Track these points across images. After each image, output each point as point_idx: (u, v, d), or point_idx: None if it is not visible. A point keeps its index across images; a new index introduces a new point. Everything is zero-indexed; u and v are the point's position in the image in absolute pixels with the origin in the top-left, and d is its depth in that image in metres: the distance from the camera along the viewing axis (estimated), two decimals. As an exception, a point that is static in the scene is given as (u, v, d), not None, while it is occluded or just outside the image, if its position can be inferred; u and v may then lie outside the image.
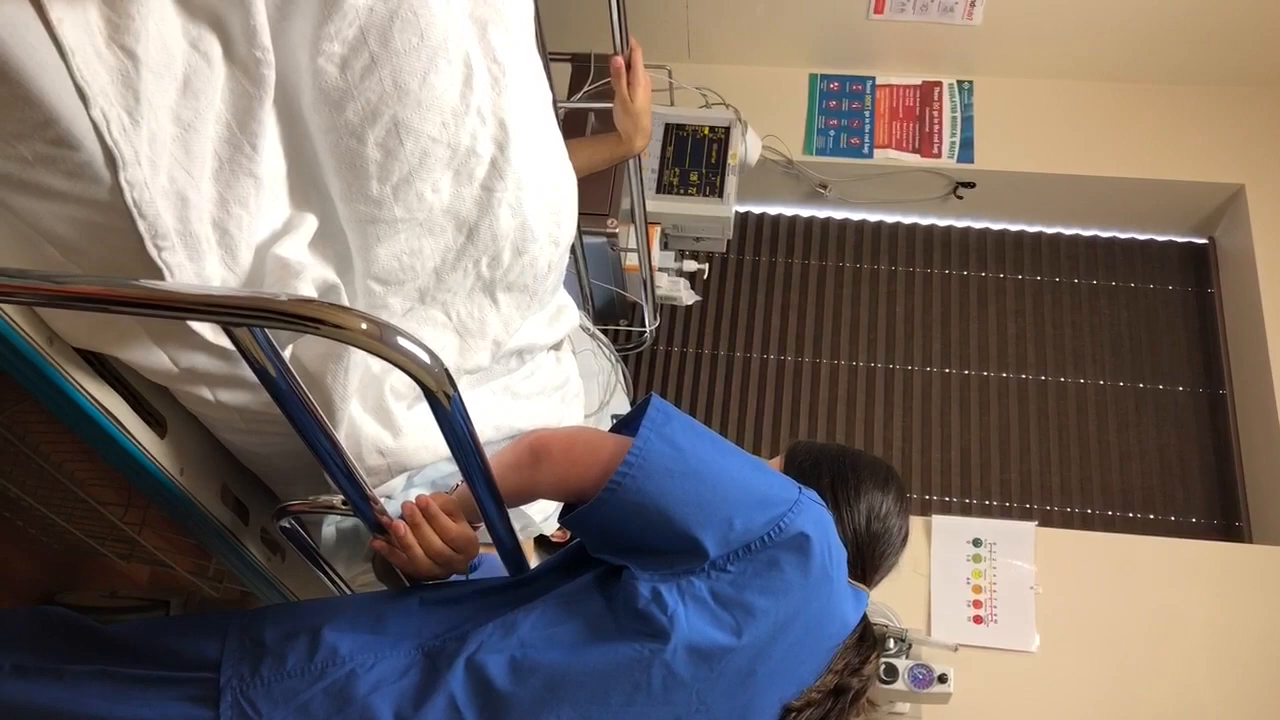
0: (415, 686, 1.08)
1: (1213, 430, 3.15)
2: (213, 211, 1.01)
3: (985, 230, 3.50)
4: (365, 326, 0.86)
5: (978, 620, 2.66)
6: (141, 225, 0.91)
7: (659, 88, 2.96)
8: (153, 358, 1.07)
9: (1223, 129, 3.29)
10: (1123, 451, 3.13)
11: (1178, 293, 3.36)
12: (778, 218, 3.57)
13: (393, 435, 1.30)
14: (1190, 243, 3.44)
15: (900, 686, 2.24)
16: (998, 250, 3.47)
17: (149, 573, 2.06)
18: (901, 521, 1.29)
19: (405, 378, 1.19)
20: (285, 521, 1.31)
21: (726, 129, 3.07)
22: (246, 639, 1.14)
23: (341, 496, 1.16)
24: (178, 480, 1.23)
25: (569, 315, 1.66)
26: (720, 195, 3.00)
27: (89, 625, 1.21)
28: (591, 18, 2.22)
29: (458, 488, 1.29)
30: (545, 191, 1.35)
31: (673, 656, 1.07)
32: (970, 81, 3.46)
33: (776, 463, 1.32)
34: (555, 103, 1.50)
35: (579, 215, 1.51)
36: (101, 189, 0.88)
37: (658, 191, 3.01)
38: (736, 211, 3.13)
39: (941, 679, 2.24)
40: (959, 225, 3.52)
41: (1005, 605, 2.67)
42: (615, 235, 2.66)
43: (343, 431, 1.22)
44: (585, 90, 2.87)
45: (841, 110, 3.48)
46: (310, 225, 1.15)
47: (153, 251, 0.93)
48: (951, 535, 2.77)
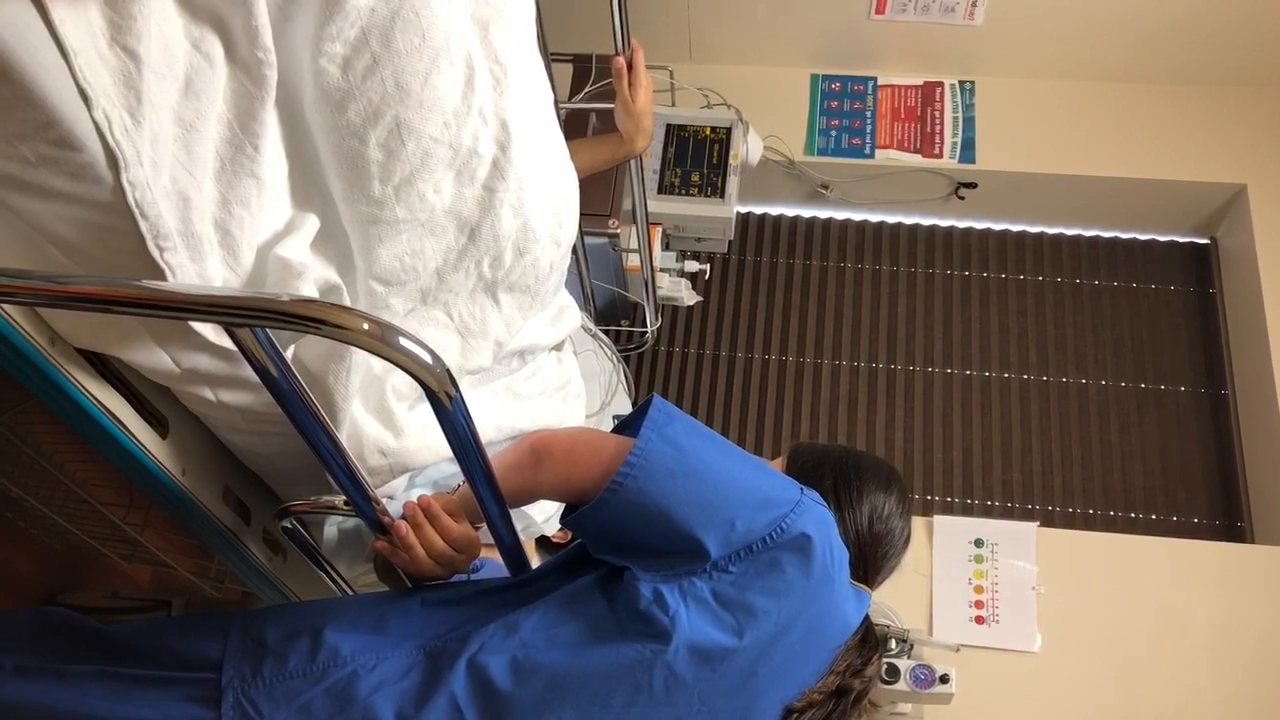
0: (417, 687, 1.08)
1: (1214, 430, 3.15)
2: (214, 212, 1.01)
3: (987, 230, 3.50)
4: (367, 327, 0.86)
5: (979, 620, 2.66)
6: (143, 226, 0.91)
7: (660, 88, 2.95)
8: (155, 358, 1.07)
9: (1224, 129, 3.29)
10: (1124, 452, 3.13)
11: (1179, 293, 3.36)
12: (779, 218, 3.57)
13: (395, 436, 1.30)
14: (1192, 243, 3.44)
15: (902, 687, 2.24)
16: (999, 251, 3.47)
17: (150, 573, 2.06)
18: (904, 523, 1.29)
19: (407, 378, 1.19)
20: (287, 522, 1.31)
21: (728, 129, 3.07)
22: (248, 639, 1.14)
23: (343, 497, 1.16)
24: (179, 481, 1.23)
25: (571, 315, 1.66)
26: (722, 196, 3.00)
27: (91, 626, 1.21)
28: (593, 18, 2.22)
29: (459, 488, 1.28)
30: (547, 192, 1.35)
31: (674, 657, 1.07)
32: (972, 82, 3.46)
33: (778, 464, 1.32)
34: (557, 103, 1.50)
35: (580, 216, 1.51)
36: (104, 190, 0.88)
37: (659, 192, 3.01)
38: (738, 212, 3.13)
39: (943, 679, 2.24)
40: (960, 226, 3.52)
41: (1007, 605, 2.67)
42: (617, 236, 2.66)
43: (344, 432, 1.22)
44: (587, 91, 2.87)
45: (843, 111, 3.48)
46: (312, 226, 1.15)
47: (155, 252, 0.93)
48: (953, 535, 2.77)
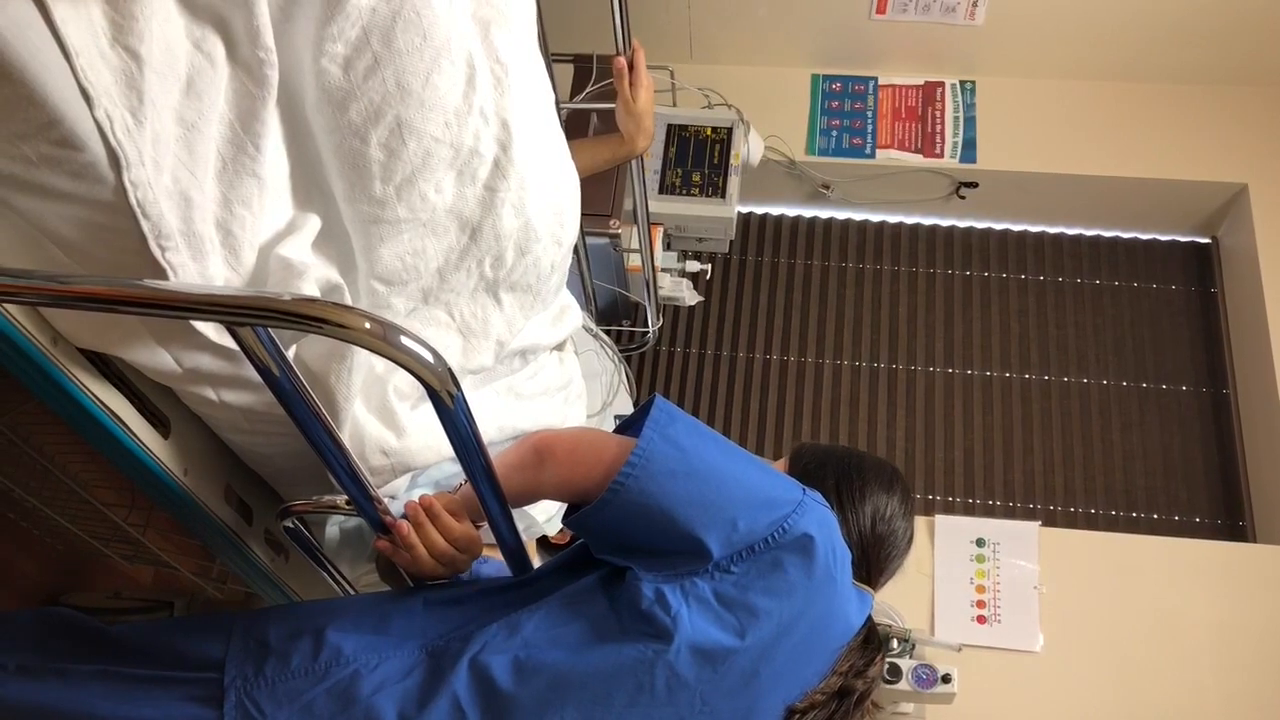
0: (419, 686, 1.08)
1: (1216, 430, 3.15)
2: (216, 212, 1.01)
3: (988, 230, 3.50)
4: (369, 326, 0.86)
5: (981, 620, 2.66)
6: (145, 225, 0.91)
7: (661, 88, 2.95)
8: (156, 358, 1.07)
9: (1226, 128, 3.29)
10: (1126, 451, 3.13)
11: (1181, 292, 3.36)
12: (780, 218, 3.57)
13: (396, 435, 1.30)
14: (1193, 242, 3.44)
15: (904, 687, 2.24)
16: (1000, 250, 3.47)
17: (153, 574, 2.06)
18: (906, 524, 1.29)
19: (409, 378, 1.20)
20: (289, 521, 1.31)
21: (729, 129, 3.07)
22: (250, 639, 1.14)
23: (345, 496, 1.16)
24: (181, 481, 1.23)
25: (572, 315, 1.66)
26: (723, 196, 3.00)
27: (93, 626, 1.21)
28: (594, 19, 2.22)
29: (461, 486, 1.28)
30: (548, 191, 1.35)
31: (676, 657, 1.07)
32: (972, 81, 3.46)
33: (781, 464, 1.31)
34: (558, 103, 1.50)
35: (582, 216, 1.52)
36: (105, 189, 0.88)
37: (660, 192, 3.01)
38: (739, 212, 3.14)
39: (945, 679, 2.24)
40: (961, 225, 3.52)
41: (1009, 605, 2.67)
42: (618, 236, 2.66)
43: (346, 432, 1.22)
44: (588, 91, 2.88)
45: (844, 110, 3.48)
46: (313, 225, 1.15)
47: (156, 252, 0.93)
48: (955, 535, 2.77)
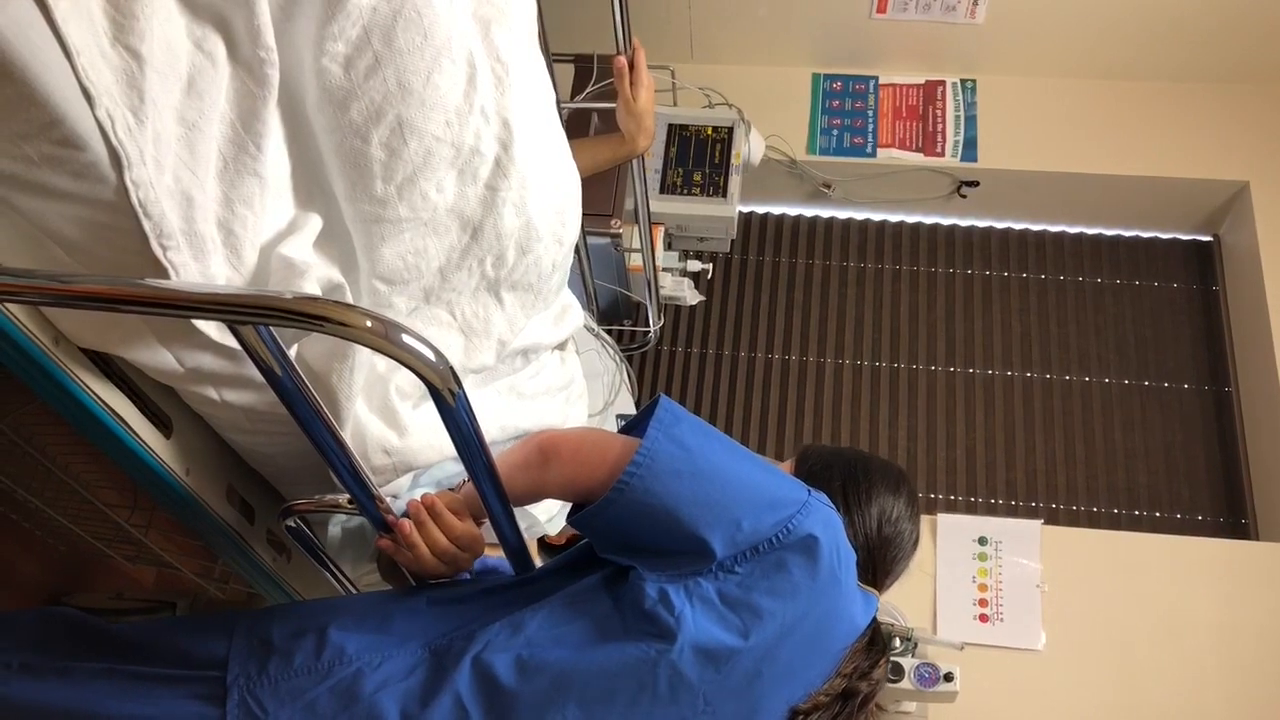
0: (421, 684, 1.08)
1: (1218, 428, 3.15)
2: (217, 211, 1.01)
3: (989, 229, 3.50)
4: (370, 324, 0.86)
5: (983, 619, 2.66)
6: (147, 225, 0.91)
7: (662, 88, 2.95)
8: (158, 358, 1.07)
9: (1227, 126, 3.29)
10: (1128, 449, 3.13)
11: (1183, 291, 3.36)
12: (781, 217, 3.57)
13: (398, 435, 1.30)
14: (1195, 240, 3.44)
15: (906, 685, 2.24)
16: (1002, 249, 3.47)
17: (155, 574, 2.06)
18: (913, 526, 1.28)
19: (411, 377, 1.19)
20: (291, 521, 1.31)
21: (730, 129, 3.07)
22: (254, 638, 1.14)
23: (347, 495, 1.16)
24: (183, 480, 1.23)
25: (573, 315, 1.66)
26: (724, 195, 3.00)
27: (96, 624, 1.21)
28: (594, 18, 2.22)
29: (463, 485, 1.28)
30: (549, 191, 1.35)
31: (679, 657, 1.07)
32: (973, 80, 3.46)
33: (787, 466, 1.31)
34: (559, 103, 1.50)
35: (583, 215, 1.52)
36: (107, 189, 0.88)
37: (661, 192, 3.01)
38: (740, 211, 3.14)
39: (947, 678, 2.24)
40: (963, 224, 3.52)
41: (1011, 604, 2.67)
42: (619, 235, 2.66)
43: (348, 431, 1.22)
44: (588, 91, 2.88)
45: (844, 110, 3.48)
46: (315, 225, 1.15)
47: (158, 251, 0.93)
48: (957, 534, 2.77)
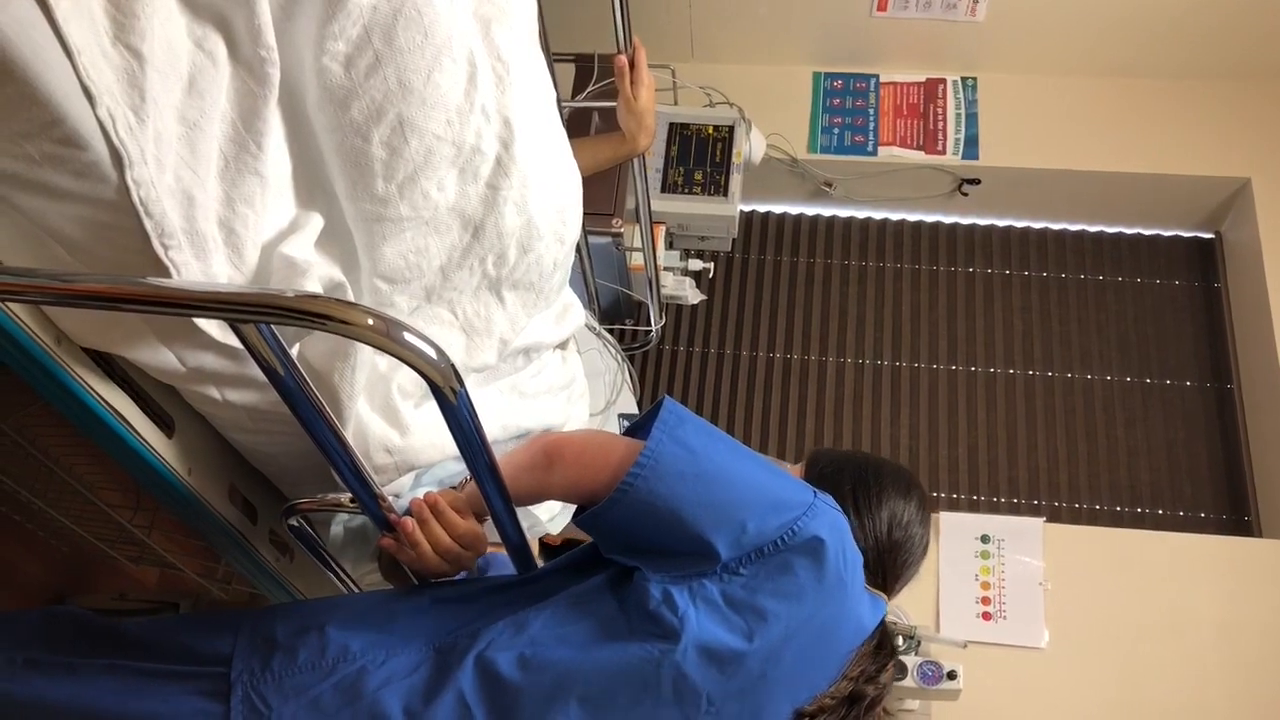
0: (425, 682, 1.09)
1: (1220, 425, 3.15)
2: (219, 210, 1.01)
3: (991, 227, 3.50)
4: (372, 322, 0.86)
5: (986, 617, 2.66)
6: (148, 224, 0.91)
7: (662, 87, 2.95)
8: (160, 357, 1.07)
9: (1228, 123, 3.28)
10: (1130, 447, 3.13)
11: (1184, 288, 3.35)
12: (783, 216, 3.57)
13: (400, 434, 1.30)
14: (1197, 237, 3.43)
15: (909, 683, 2.24)
16: (1003, 247, 3.47)
17: (158, 575, 2.06)
18: (923, 530, 1.28)
19: (413, 376, 1.20)
20: (293, 520, 1.31)
21: (730, 128, 3.07)
22: (258, 635, 1.14)
23: (349, 494, 1.16)
24: (186, 480, 1.23)
25: (575, 314, 1.67)
26: (725, 194, 3.00)
27: (100, 621, 1.21)
28: (595, 18, 2.22)
29: (466, 484, 1.28)
30: (550, 189, 1.35)
31: (683, 657, 1.07)
32: (974, 78, 3.46)
33: (797, 470, 1.30)
34: (559, 102, 1.50)
35: (584, 215, 1.52)
36: (108, 188, 0.88)
37: (662, 191, 3.01)
38: (741, 210, 3.14)
39: (951, 675, 2.24)
40: (964, 222, 3.51)
41: (1014, 601, 2.67)
42: (620, 235, 2.66)
43: (350, 430, 1.22)
44: (589, 90, 2.88)
45: (845, 108, 3.48)
46: (316, 224, 1.15)
47: (159, 250, 0.93)
48: (960, 532, 2.77)
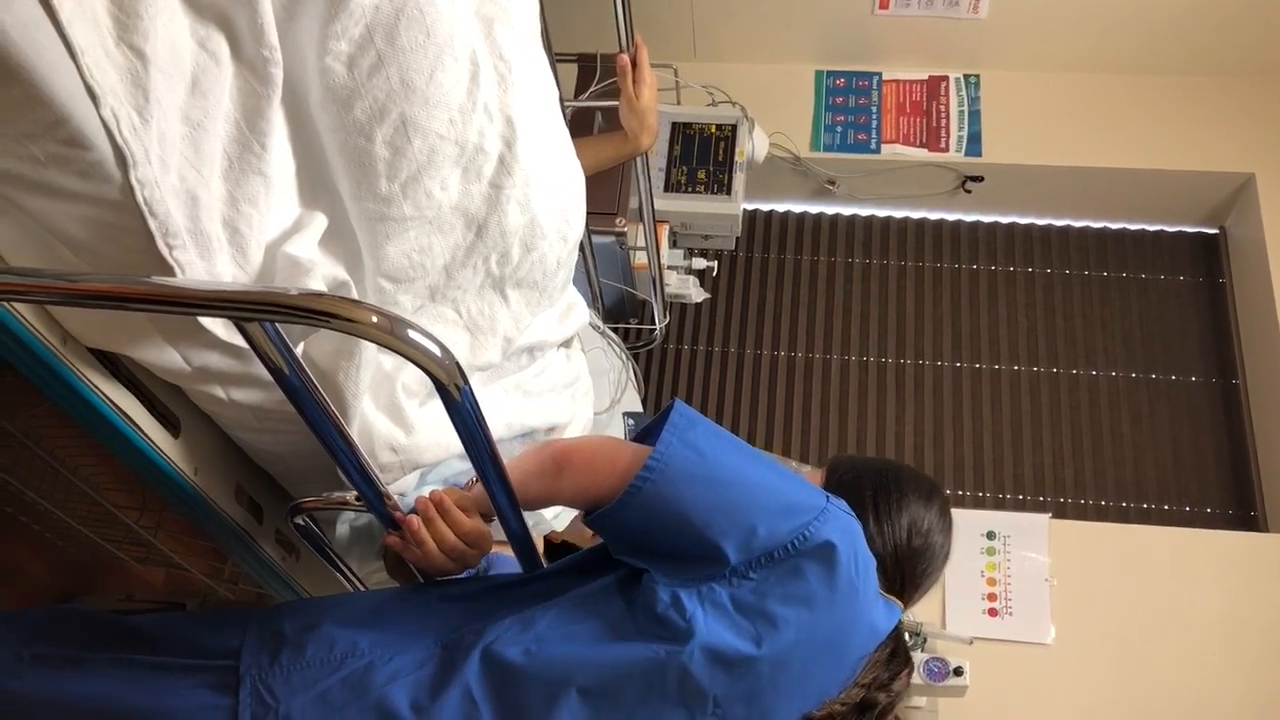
0: (432, 677, 1.09)
1: (1226, 420, 3.14)
2: (223, 210, 1.02)
3: (994, 224, 3.50)
4: (376, 320, 0.86)
5: (993, 613, 2.66)
6: (152, 224, 0.92)
7: (665, 87, 2.96)
8: (165, 357, 1.07)
9: (1232, 118, 3.28)
10: (1136, 443, 3.12)
11: (1189, 283, 3.35)
12: (786, 214, 3.57)
13: (405, 432, 1.30)
14: (1200, 233, 3.43)
15: (916, 680, 2.24)
16: (1007, 244, 3.46)
17: (165, 576, 2.07)
18: (944, 539, 1.25)
19: (417, 375, 1.20)
20: (299, 519, 1.32)
21: (733, 127, 3.08)
22: (267, 630, 1.15)
23: (354, 493, 1.16)
24: (192, 480, 1.23)
25: (579, 312, 1.67)
26: (728, 193, 3.00)
27: (108, 617, 1.21)
28: (597, 18, 2.22)
29: (472, 485, 1.29)
30: (553, 188, 1.36)
31: (690, 660, 1.07)
32: (977, 75, 3.46)
33: (818, 474, 1.29)
34: (562, 101, 1.50)
35: (587, 214, 1.52)
36: (113, 188, 0.88)
37: (666, 190, 3.01)
38: (745, 209, 3.14)
39: (957, 672, 2.24)
40: (968, 219, 3.51)
41: (1020, 598, 2.67)
42: (624, 234, 2.66)
43: (355, 429, 1.23)
44: (591, 90, 2.88)
45: (848, 106, 3.48)
46: (320, 224, 1.16)
47: (164, 250, 0.94)
48: (965, 528, 2.74)
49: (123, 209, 0.90)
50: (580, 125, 2.74)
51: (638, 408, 2.48)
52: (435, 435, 1.33)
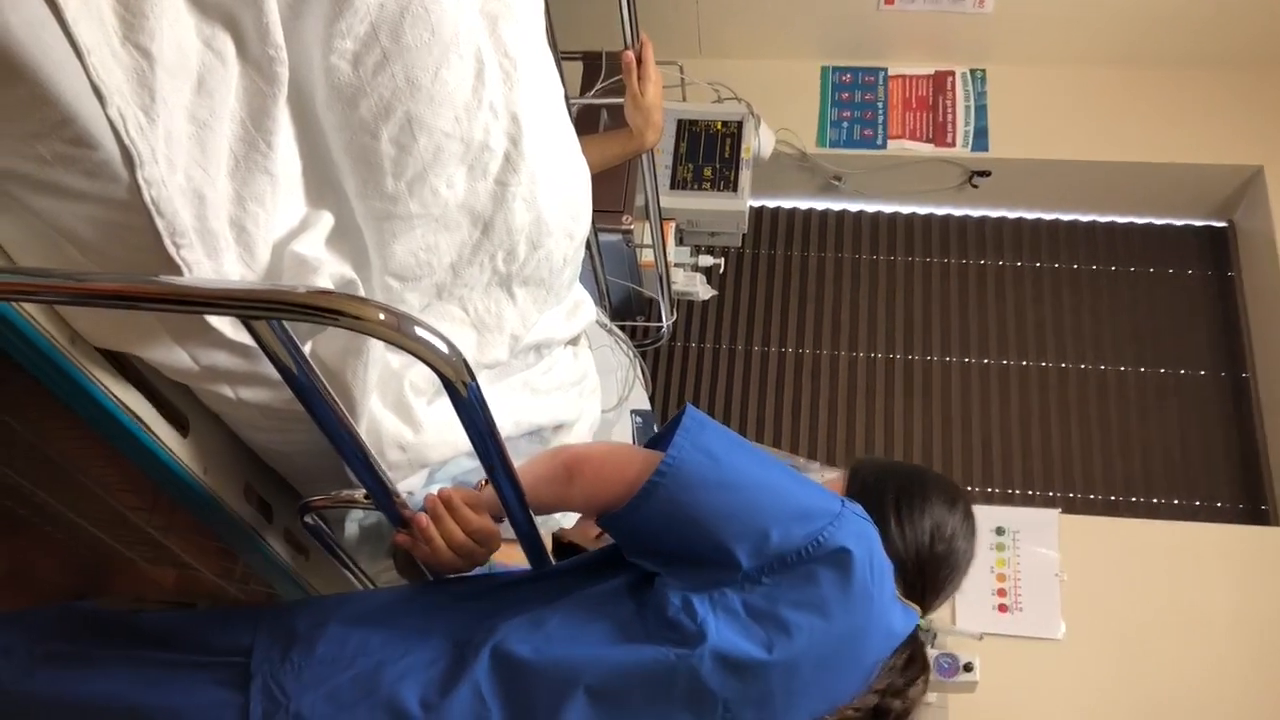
0: (442, 674, 1.09)
1: (1236, 414, 3.13)
2: (230, 209, 1.02)
3: (1002, 219, 3.49)
4: (384, 317, 0.86)
5: (1002, 609, 2.65)
6: (160, 223, 0.92)
7: (670, 84, 2.96)
8: (174, 356, 1.07)
9: (1240, 111, 3.27)
10: (1145, 437, 3.11)
11: (1197, 277, 3.34)
12: (792, 211, 3.57)
13: (413, 430, 1.30)
14: (1209, 226, 3.42)
15: (926, 676, 2.23)
16: (1015, 238, 3.46)
17: (175, 576, 2.07)
18: (968, 544, 1.23)
19: (425, 373, 1.20)
20: (309, 518, 1.32)
21: (739, 123, 3.07)
22: (278, 627, 1.15)
23: (363, 491, 1.16)
24: (201, 479, 1.23)
25: (586, 310, 1.67)
26: (734, 190, 3.00)
27: (118, 615, 1.22)
28: (602, 15, 2.22)
29: (483, 485, 1.29)
30: (559, 185, 1.36)
31: (699, 664, 1.06)
32: (983, 70, 3.45)
33: (839, 478, 1.27)
34: (567, 99, 1.50)
35: (594, 212, 1.52)
36: (119, 187, 0.88)
37: (672, 187, 3.01)
38: (751, 206, 3.14)
39: (967, 668, 2.24)
40: (975, 214, 3.51)
41: (1030, 593, 2.66)
42: (630, 232, 2.66)
43: (363, 427, 1.23)
44: (597, 87, 2.88)
45: (854, 102, 3.48)
46: (326, 222, 1.16)
47: (171, 249, 0.94)
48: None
49: (130, 208, 0.90)
50: (586, 123, 2.74)
51: (645, 406, 2.48)
52: (443, 433, 1.33)
